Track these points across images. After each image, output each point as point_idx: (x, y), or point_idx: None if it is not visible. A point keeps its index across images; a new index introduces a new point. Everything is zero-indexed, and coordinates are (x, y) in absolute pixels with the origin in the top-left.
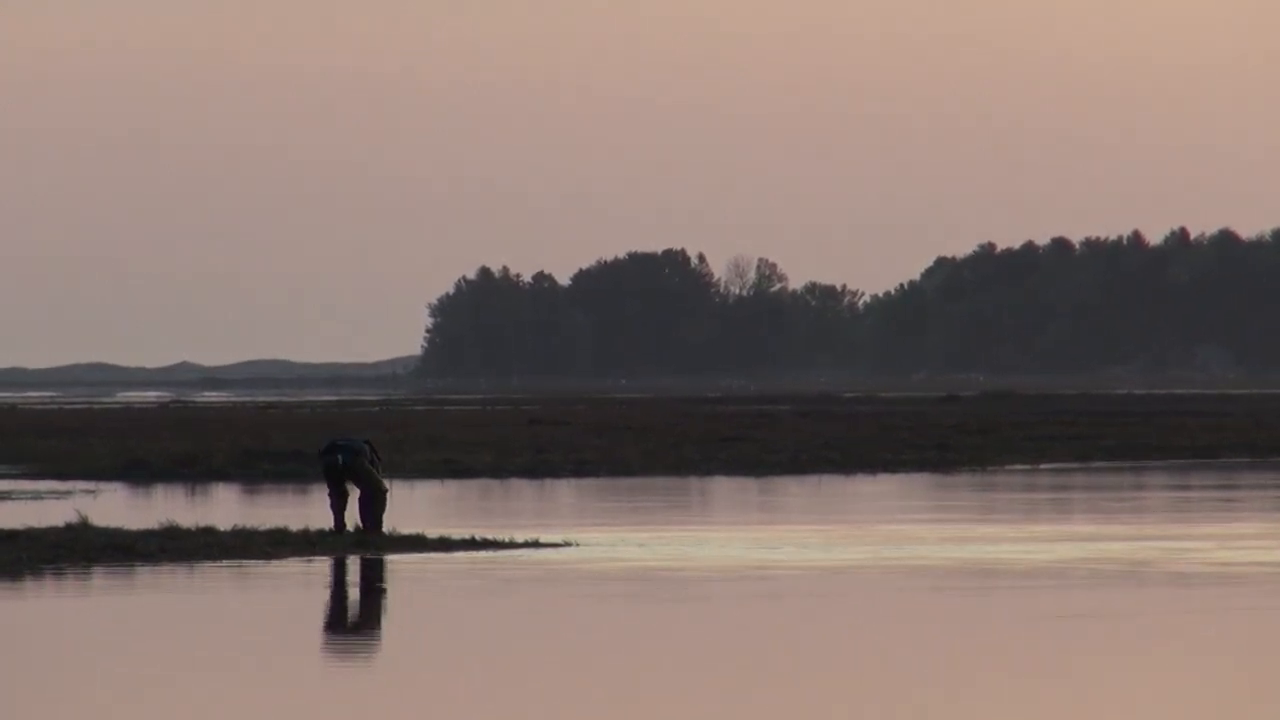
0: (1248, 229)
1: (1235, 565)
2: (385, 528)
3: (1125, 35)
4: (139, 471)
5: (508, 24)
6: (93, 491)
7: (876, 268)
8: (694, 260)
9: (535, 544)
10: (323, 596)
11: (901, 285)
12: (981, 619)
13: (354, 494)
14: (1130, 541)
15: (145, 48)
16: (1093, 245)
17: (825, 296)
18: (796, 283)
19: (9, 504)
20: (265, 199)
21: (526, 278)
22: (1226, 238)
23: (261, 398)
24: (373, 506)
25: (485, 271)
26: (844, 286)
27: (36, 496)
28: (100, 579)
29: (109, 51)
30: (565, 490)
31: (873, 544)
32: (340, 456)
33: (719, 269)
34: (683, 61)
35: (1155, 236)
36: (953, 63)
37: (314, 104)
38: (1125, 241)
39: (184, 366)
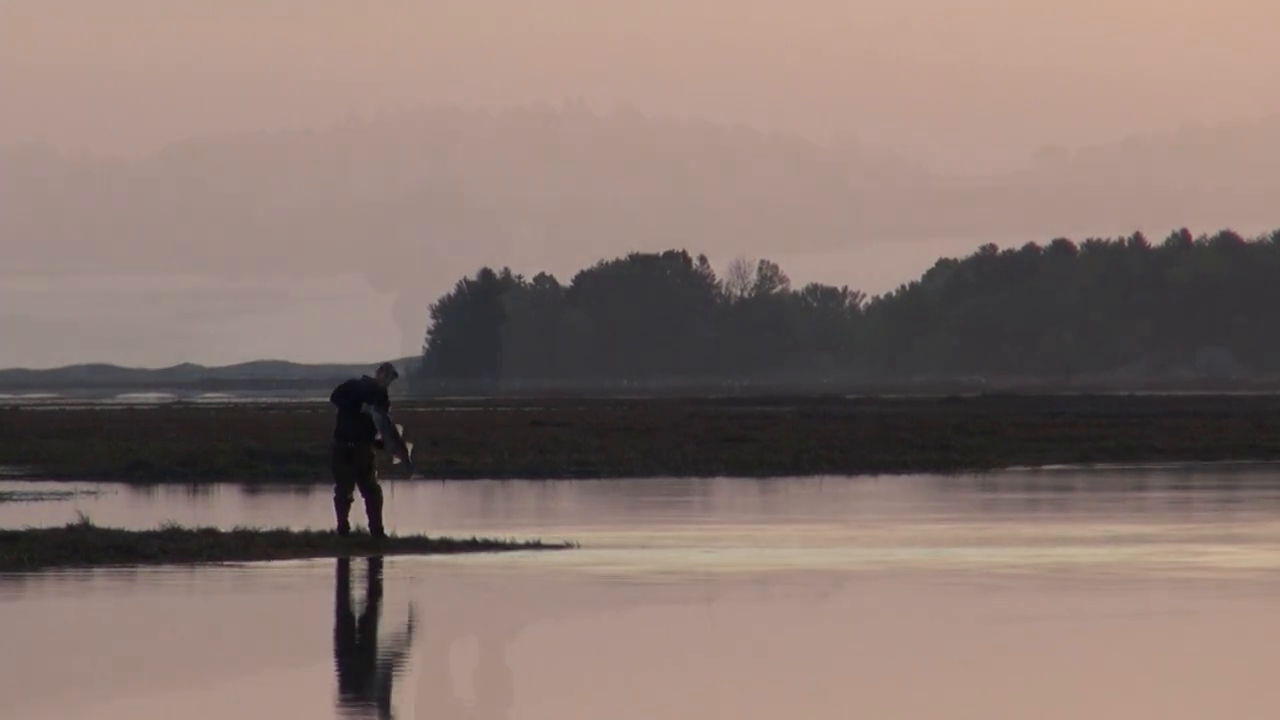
0: (1249, 230)
1: (1236, 569)
2: (386, 529)
3: (1129, 36)
4: (140, 472)
5: (508, 23)
6: (94, 492)
7: (878, 269)
8: (695, 262)
9: (537, 545)
10: (323, 598)
11: (903, 287)
12: (977, 620)
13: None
14: (1128, 544)
15: (156, 50)
16: (1094, 246)
17: (827, 298)
18: (798, 284)
19: (11, 505)
20: (269, 197)
21: (528, 279)
22: (1228, 239)
23: (263, 399)
24: (373, 509)
25: (486, 273)
26: (845, 288)
27: (38, 497)
28: (101, 580)
29: (114, 54)
30: (567, 491)
31: (875, 545)
32: (351, 444)
33: (720, 270)
34: (683, 63)
35: (1156, 238)
36: (954, 60)
37: (315, 103)
38: (1126, 243)
39: (185, 368)
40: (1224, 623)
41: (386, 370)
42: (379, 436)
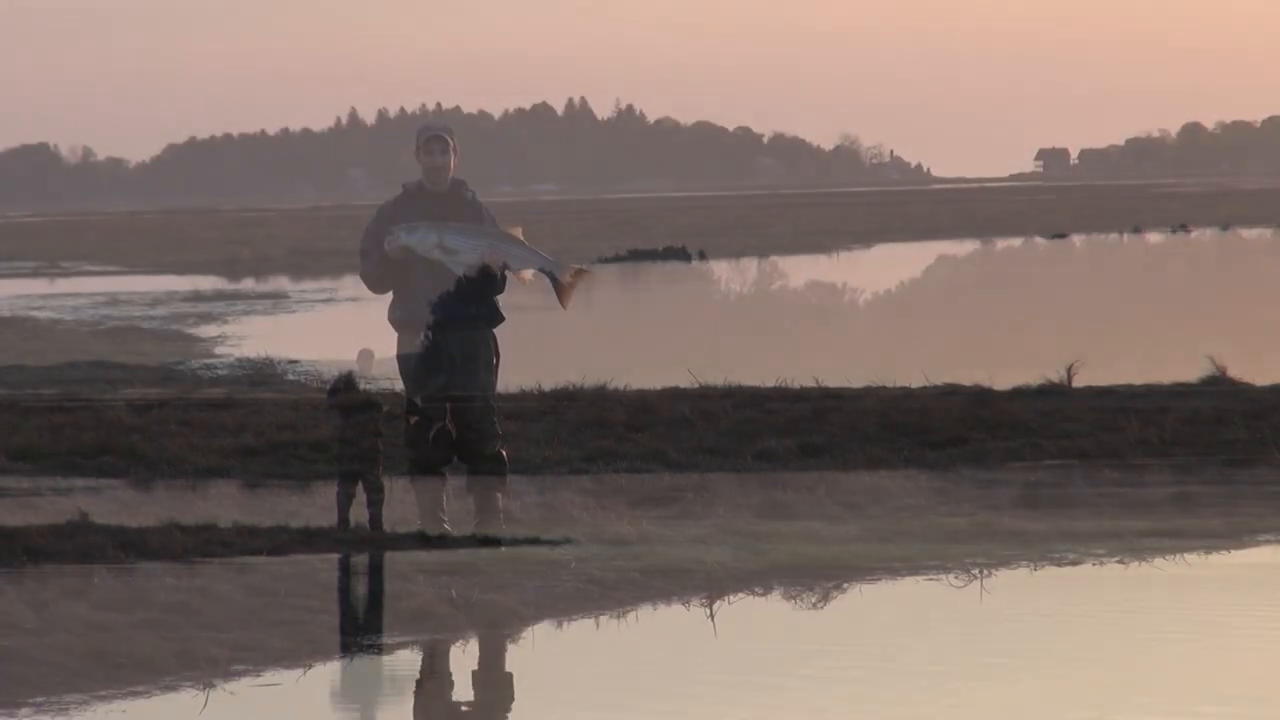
0: (1249, 230)
1: (1238, 564)
2: (385, 525)
3: (1129, 35)
4: (139, 468)
5: (508, 24)
6: (94, 489)
7: (877, 269)
8: (695, 258)
9: (535, 540)
10: (323, 594)
11: (902, 282)
12: (978, 617)
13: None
14: (1129, 539)
15: (156, 50)
16: (1094, 242)
17: (825, 293)
18: (797, 280)
19: (9, 500)
20: (269, 192)
21: (528, 274)
22: (1228, 235)
23: (261, 395)
24: (374, 505)
25: (485, 269)
26: (844, 283)
27: (37, 493)
28: (100, 576)
29: (114, 54)
30: (566, 486)
31: (875, 540)
32: (358, 438)
33: (719, 267)
34: (680, 59)
35: (1156, 237)
36: (951, 55)
37: (315, 103)
38: (1125, 238)
39: (184, 365)
40: (1226, 619)
41: (365, 356)
42: (386, 409)
